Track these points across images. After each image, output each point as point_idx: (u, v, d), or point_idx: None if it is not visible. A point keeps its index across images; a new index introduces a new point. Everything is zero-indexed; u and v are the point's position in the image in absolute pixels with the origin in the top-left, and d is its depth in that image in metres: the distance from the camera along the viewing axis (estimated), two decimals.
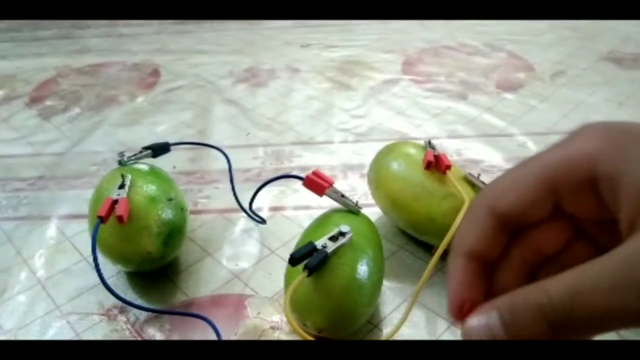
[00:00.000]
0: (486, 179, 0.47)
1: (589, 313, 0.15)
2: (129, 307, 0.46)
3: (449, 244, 0.34)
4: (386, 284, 0.47)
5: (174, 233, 0.46)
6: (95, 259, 0.40)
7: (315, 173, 0.44)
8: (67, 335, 0.44)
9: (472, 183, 0.47)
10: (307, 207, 0.57)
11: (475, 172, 0.48)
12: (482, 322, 0.17)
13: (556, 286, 0.16)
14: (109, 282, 0.49)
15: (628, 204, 0.16)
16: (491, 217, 0.18)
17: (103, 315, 0.45)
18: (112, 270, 0.50)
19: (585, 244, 0.19)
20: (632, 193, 0.15)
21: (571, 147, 0.17)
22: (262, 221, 0.55)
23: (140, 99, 0.85)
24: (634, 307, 0.14)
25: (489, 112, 0.76)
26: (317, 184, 0.43)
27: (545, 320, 0.16)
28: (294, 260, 0.36)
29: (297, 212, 0.57)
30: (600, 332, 0.15)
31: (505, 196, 0.18)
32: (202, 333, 0.42)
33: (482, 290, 0.19)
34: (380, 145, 0.54)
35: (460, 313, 0.19)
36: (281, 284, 0.45)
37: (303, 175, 0.44)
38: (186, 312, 0.45)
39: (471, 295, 0.19)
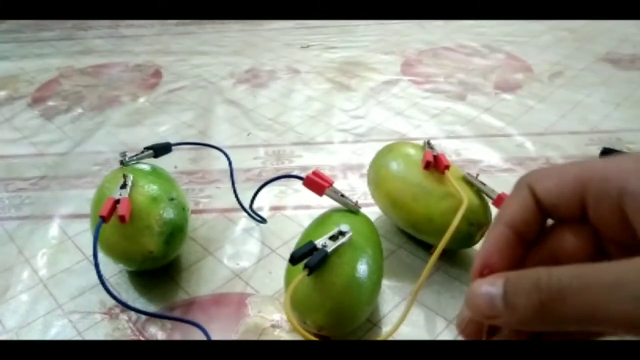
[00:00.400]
0: (485, 179, 0.48)
1: (579, 302, 0.15)
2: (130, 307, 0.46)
3: (447, 243, 0.34)
4: (385, 282, 0.47)
5: (175, 232, 0.46)
6: (95, 259, 0.41)
7: (315, 173, 0.44)
8: (69, 334, 0.44)
9: (470, 183, 0.48)
10: (307, 207, 0.58)
11: (473, 172, 0.49)
12: (486, 289, 0.18)
13: (560, 270, 0.16)
14: (111, 281, 0.49)
15: None
16: (530, 196, 0.20)
17: (105, 314, 0.46)
18: (114, 269, 0.50)
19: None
20: None
21: (609, 162, 0.18)
22: (263, 220, 0.55)
23: (142, 100, 0.86)
24: (627, 312, 0.15)
25: (487, 113, 0.77)
26: (317, 183, 0.44)
27: (538, 296, 0.16)
28: (294, 259, 0.37)
29: (297, 211, 0.57)
30: (585, 325, 0.16)
31: (544, 181, 0.19)
32: (203, 332, 0.43)
33: (510, 263, 0.20)
34: (379, 146, 0.55)
35: (479, 275, 0.19)
36: (281, 282, 0.45)
37: (303, 175, 0.44)
38: (179, 318, 0.44)
39: (497, 263, 0.20)
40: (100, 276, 0.40)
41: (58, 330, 0.44)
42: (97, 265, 0.41)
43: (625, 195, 0.17)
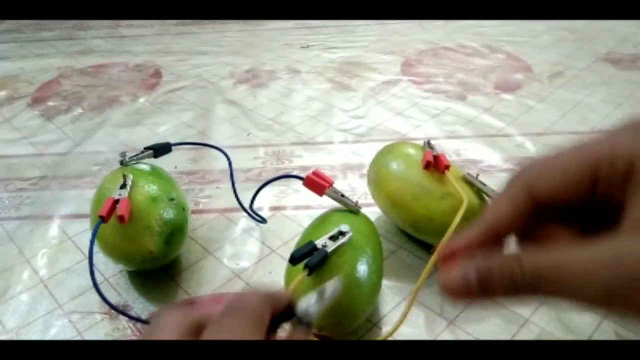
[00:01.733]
0: (485, 179, 0.48)
1: (551, 289, 0.16)
2: (131, 307, 0.46)
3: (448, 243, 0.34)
4: (385, 282, 0.47)
5: (175, 232, 0.46)
6: (90, 262, 0.40)
7: (315, 173, 0.44)
8: (68, 334, 0.44)
9: (470, 183, 0.48)
10: (307, 207, 0.58)
11: (474, 172, 0.49)
12: (461, 274, 0.18)
13: (534, 257, 0.17)
14: (111, 281, 0.49)
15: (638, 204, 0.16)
16: (527, 196, 0.19)
17: (105, 314, 0.46)
18: (114, 269, 0.50)
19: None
20: None
21: (617, 139, 0.18)
22: (263, 221, 0.55)
23: (142, 100, 0.86)
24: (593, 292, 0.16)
25: (487, 113, 0.77)
26: (317, 183, 0.44)
27: (514, 286, 0.17)
28: (294, 259, 0.37)
29: (297, 211, 0.57)
30: (559, 302, 0.17)
31: (546, 178, 0.19)
32: None
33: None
34: (379, 146, 0.55)
35: (446, 257, 0.20)
36: (281, 282, 0.45)
37: (303, 175, 0.44)
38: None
39: (465, 253, 0.20)
40: (93, 279, 0.40)
41: (58, 330, 0.44)
42: (91, 267, 0.40)
43: (632, 174, 0.17)
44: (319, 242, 0.39)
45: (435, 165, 0.47)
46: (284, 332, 0.22)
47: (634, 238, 0.16)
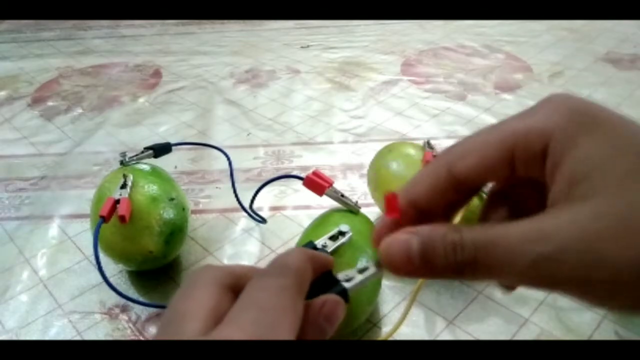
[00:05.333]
0: None
1: (488, 263, 0.17)
2: (131, 306, 0.46)
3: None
4: (385, 282, 0.47)
5: (175, 232, 0.46)
6: (97, 258, 0.41)
7: (315, 173, 0.44)
8: (68, 334, 0.44)
9: None
10: (307, 207, 0.58)
11: None
12: (404, 240, 0.18)
13: (473, 233, 0.17)
14: (111, 281, 0.49)
15: (559, 183, 0.17)
16: (448, 175, 0.19)
17: (105, 314, 0.46)
18: (114, 269, 0.50)
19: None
20: (565, 174, 0.17)
21: (531, 118, 0.18)
22: (263, 221, 0.55)
23: (142, 100, 0.86)
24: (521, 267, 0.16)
25: (487, 113, 0.77)
26: (317, 183, 0.44)
27: (454, 259, 0.17)
28: None
29: (297, 211, 0.57)
30: (496, 280, 0.18)
31: (465, 158, 0.19)
32: None
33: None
34: (379, 146, 0.55)
35: (379, 241, 0.20)
36: None
37: (303, 175, 0.44)
38: None
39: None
40: (102, 274, 0.40)
41: (58, 330, 0.44)
42: (98, 264, 0.41)
43: (547, 156, 0.17)
44: (319, 242, 0.39)
45: None
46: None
47: (555, 214, 0.16)
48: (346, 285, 0.21)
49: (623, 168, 0.16)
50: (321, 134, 0.73)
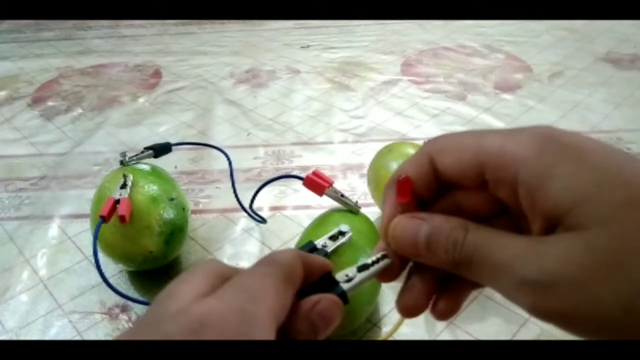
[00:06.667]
0: None
1: (480, 270, 0.17)
2: (131, 306, 0.46)
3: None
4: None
5: (175, 232, 0.46)
6: (95, 257, 0.41)
7: (315, 173, 0.44)
8: (68, 334, 0.44)
9: None
10: (307, 207, 0.58)
11: None
12: (414, 224, 0.19)
13: (476, 234, 0.18)
14: (111, 281, 0.49)
15: (543, 214, 0.17)
16: (430, 165, 0.20)
17: (105, 314, 0.46)
18: (114, 269, 0.50)
19: (508, 220, 0.20)
20: (548, 203, 0.16)
21: (507, 143, 0.18)
22: (263, 221, 0.55)
23: (142, 100, 0.86)
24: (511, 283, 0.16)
25: (487, 113, 0.77)
26: (317, 183, 0.44)
27: (453, 255, 0.18)
28: None
29: (297, 211, 0.57)
30: (485, 283, 0.18)
31: (444, 155, 0.20)
32: None
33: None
34: (379, 146, 0.55)
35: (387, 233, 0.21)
36: None
37: (303, 175, 0.44)
38: None
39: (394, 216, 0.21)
40: (102, 274, 0.40)
41: (58, 330, 0.44)
42: (97, 263, 0.41)
43: (518, 184, 0.17)
44: (319, 242, 0.38)
45: None
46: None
47: (551, 242, 0.16)
48: (345, 286, 0.21)
49: (614, 199, 0.15)
50: (321, 134, 0.73)
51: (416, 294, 0.21)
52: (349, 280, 0.21)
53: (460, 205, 0.20)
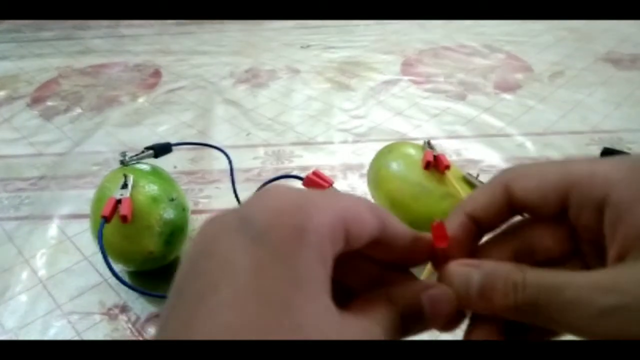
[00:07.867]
0: (485, 178, 0.48)
1: (548, 313, 0.16)
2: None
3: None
4: None
5: (175, 233, 0.46)
6: (104, 256, 0.41)
7: (315, 173, 0.44)
8: (68, 334, 0.44)
9: (470, 183, 0.48)
10: None
11: (474, 172, 0.49)
12: (464, 272, 0.18)
13: (536, 275, 0.17)
14: (111, 281, 0.49)
15: (626, 235, 0.16)
16: (504, 192, 0.20)
17: (104, 314, 0.46)
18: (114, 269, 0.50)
19: (578, 264, 0.20)
20: (631, 228, 0.16)
21: (598, 167, 0.18)
22: None
23: (141, 100, 0.85)
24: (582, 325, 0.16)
25: (487, 113, 0.77)
26: (317, 184, 0.43)
27: (514, 299, 0.17)
28: None
29: None
30: (553, 328, 0.17)
31: (523, 180, 0.19)
32: None
33: (466, 251, 0.21)
34: (379, 146, 0.54)
35: (440, 240, 0.20)
36: None
37: (303, 175, 0.44)
38: None
39: (456, 250, 0.20)
40: (111, 269, 0.41)
41: (57, 330, 0.44)
42: (106, 260, 0.41)
43: (606, 206, 0.17)
44: None
45: (436, 165, 0.47)
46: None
47: (629, 268, 0.16)
48: None
49: None
50: (321, 134, 0.73)
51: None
52: None
53: (531, 241, 0.20)
